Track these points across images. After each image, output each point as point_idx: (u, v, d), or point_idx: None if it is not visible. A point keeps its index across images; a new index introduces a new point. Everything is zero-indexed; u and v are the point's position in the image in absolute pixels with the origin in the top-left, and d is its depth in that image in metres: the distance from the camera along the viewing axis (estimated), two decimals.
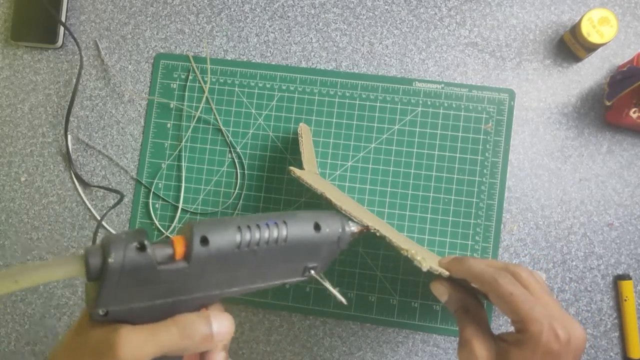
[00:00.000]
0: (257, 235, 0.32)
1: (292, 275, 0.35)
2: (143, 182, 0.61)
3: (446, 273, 0.40)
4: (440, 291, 0.41)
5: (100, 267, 0.28)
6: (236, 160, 0.60)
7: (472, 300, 0.41)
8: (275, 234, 0.32)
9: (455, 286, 0.41)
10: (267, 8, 0.61)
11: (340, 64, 0.60)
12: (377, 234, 0.40)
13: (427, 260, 0.39)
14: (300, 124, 0.55)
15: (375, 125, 0.59)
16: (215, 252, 0.31)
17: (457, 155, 0.58)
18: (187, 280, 0.31)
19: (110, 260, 0.28)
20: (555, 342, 0.34)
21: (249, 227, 0.32)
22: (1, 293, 0.27)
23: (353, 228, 0.38)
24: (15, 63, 0.64)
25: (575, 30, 0.55)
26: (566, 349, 0.34)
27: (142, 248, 0.29)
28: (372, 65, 0.60)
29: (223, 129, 0.60)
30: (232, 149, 0.60)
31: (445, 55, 0.59)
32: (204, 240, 0.30)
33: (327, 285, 0.36)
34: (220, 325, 0.31)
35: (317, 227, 0.34)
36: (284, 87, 0.60)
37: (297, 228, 0.34)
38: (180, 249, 0.30)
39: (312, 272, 0.36)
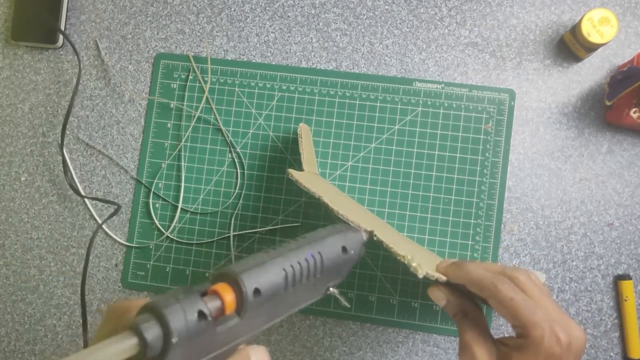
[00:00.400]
0: (299, 273, 0.32)
1: (316, 296, 0.35)
2: (143, 182, 0.61)
3: (443, 278, 0.39)
4: (438, 296, 0.41)
5: (162, 347, 0.25)
6: (236, 160, 0.60)
7: (470, 305, 0.41)
8: (313, 267, 0.33)
9: (453, 290, 0.41)
10: (267, 8, 0.61)
11: (341, 64, 0.60)
12: (375, 238, 0.40)
13: (423, 266, 0.38)
14: (300, 124, 0.55)
15: (375, 125, 0.59)
16: (265, 300, 0.30)
17: (457, 155, 0.58)
18: (236, 331, 0.30)
19: (174, 340, 0.25)
20: (557, 345, 0.34)
21: (292, 266, 0.32)
22: None
23: (365, 237, 0.39)
24: (16, 63, 0.64)
25: (575, 30, 0.55)
26: (567, 351, 0.34)
27: (202, 315, 0.26)
28: (372, 65, 0.60)
29: (223, 128, 0.60)
30: (232, 149, 0.60)
31: (446, 55, 0.59)
32: (256, 292, 0.29)
33: (337, 294, 0.37)
34: (259, 359, 0.31)
35: (344, 249, 0.36)
36: (284, 87, 0.60)
37: (329, 256, 0.34)
38: (229, 301, 0.28)
39: (332, 289, 0.36)
